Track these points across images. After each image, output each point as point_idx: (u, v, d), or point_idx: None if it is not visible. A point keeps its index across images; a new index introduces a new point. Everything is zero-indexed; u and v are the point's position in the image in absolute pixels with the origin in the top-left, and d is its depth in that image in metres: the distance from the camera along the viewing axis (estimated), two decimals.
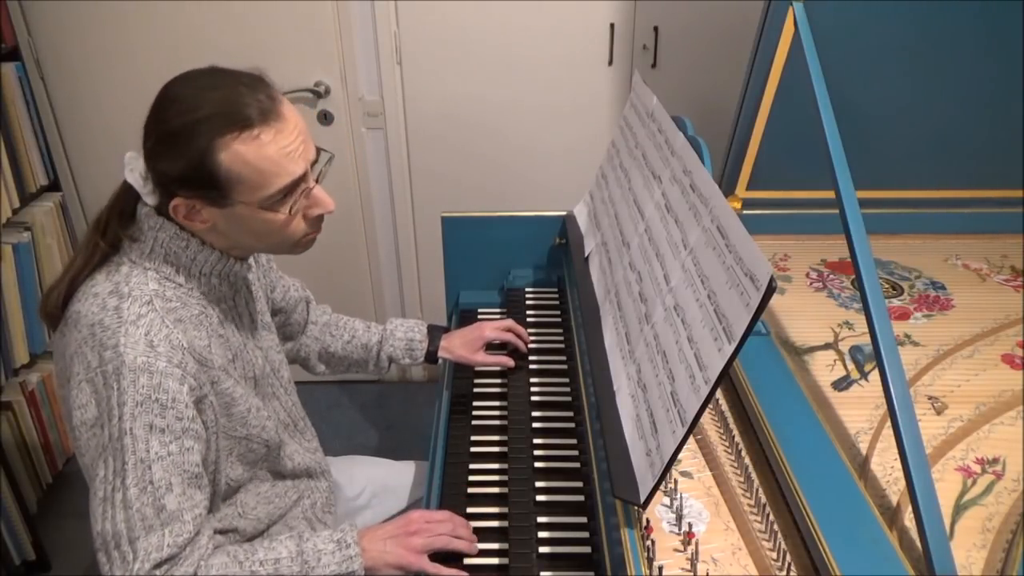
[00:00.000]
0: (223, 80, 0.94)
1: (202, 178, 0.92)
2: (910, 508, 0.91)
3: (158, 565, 0.91)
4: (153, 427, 0.91)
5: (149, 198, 0.98)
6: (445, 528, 1.07)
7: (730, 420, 1.15)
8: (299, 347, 1.42)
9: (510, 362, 1.43)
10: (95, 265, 1.01)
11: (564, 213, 1.73)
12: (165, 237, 0.99)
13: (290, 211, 0.97)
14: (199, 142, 0.90)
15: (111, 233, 1.01)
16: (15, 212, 2.04)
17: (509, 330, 1.47)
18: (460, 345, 1.43)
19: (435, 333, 1.44)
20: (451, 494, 1.21)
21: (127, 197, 1.01)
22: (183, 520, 0.93)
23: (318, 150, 1.02)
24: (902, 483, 1.02)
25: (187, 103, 0.92)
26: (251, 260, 1.16)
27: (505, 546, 1.09)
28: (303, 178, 0.97)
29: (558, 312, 1.64)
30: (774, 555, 0.92)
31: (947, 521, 0.97)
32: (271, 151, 0.93)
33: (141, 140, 0.95)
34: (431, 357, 1.44)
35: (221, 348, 1.03)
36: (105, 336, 0.92)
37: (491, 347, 1.47)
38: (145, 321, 0.94)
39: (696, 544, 0.94)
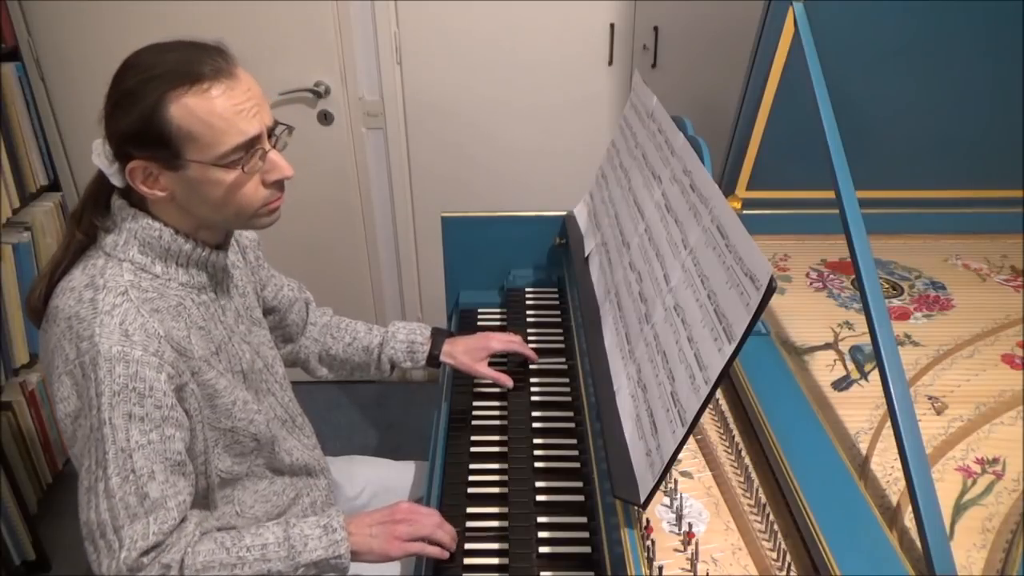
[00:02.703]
0: (181, 45, 0.96)
1: (153, 134, 0.92)
2: (910, 508, 0.92)
3: (145, 553, 0.92)
4: (132, 416, 0.92)
5: (115, 178, 0.98)
6: (431, 521, 1.08)
7: (730, 420, 1.15)
8: (299, 349, 1.41)
9: (509, 382, 1.39)
10: (72, 257, 1.02)
11: (564, 213, 1.73)
12: (138, 227, 0.99)
13: (243, 169, 0.96)
14: (150, 97, 0.91)
15: (86, 222, 1.02)
16: (15, 212, 2.04)
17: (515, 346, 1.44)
18: (463, 352, 1.40)
19: (438, 337, 1.42)
20: (451, 494, 1.21)
21: (101, 186, 1.02)
22: (167, 507, 0.94)
23: (276, 122, 1.01)
24: (902, 483, 1.02)
25: (144, 65, 0.94)
26: (232, 254, 1.15)
27: (505, 546, 1.09)
28: (257, 139, 0.97)
29: (558, 312, 1.63)
30: (774, 555, 0.92)
31: (947, 521, 0.97)
32: (221, 106, 0.93)
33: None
34: (433, 361, 1.41)
35: (202, 340, 1.03)
36: (81, 328, 0.93)
37: (494, 361, 1.44)
38: (119, 311, 0.94)
39: (696, 544, 0.94)
